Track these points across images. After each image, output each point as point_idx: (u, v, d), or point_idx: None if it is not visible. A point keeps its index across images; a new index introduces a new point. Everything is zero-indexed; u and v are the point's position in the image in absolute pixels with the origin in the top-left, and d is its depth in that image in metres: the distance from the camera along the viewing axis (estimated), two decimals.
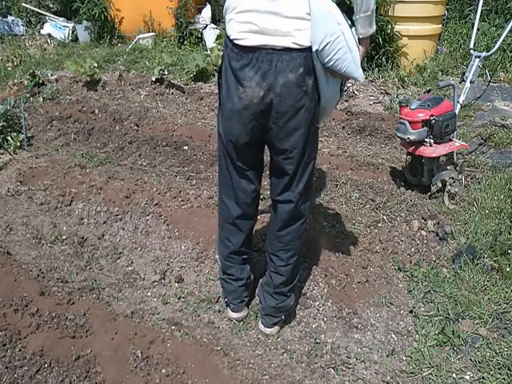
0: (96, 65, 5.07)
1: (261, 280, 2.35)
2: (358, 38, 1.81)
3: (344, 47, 1.70)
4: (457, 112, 3.22)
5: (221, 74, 1.85)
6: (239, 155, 1.93)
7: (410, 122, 3.02)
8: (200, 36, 6.37)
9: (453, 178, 3.09)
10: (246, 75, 1.71)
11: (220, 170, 2.05)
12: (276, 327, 2.20)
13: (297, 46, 1.67)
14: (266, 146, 1.97)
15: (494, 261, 2.51)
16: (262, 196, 2.88)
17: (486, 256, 2.54)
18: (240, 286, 2.22)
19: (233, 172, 1.98)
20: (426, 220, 2.91)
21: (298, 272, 2.19)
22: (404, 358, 2.09)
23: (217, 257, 2.36)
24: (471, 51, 3.47)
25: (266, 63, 1.68)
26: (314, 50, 1.67)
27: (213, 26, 6.30)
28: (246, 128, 1.82)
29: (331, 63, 1.71)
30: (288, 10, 1.65)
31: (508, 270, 2.43)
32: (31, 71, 4.82)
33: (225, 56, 1.80)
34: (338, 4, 1.71)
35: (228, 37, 1.75)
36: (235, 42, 1.71)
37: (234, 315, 2.28)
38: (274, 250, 2.10)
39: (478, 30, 5.60)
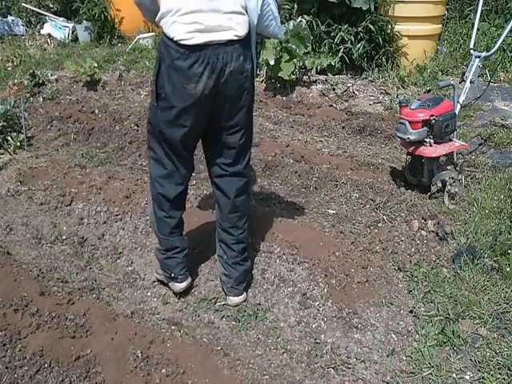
0: (96, 65, 5.07)
1: (219, 259, 2.39)
2: (278, 5, 2.12)
3: (271, 15, 2.05)
4: (457, 112, 3.22)
5: (159, 76, 1.96)
6: (186, 145, 2.10)
7: (410, 122, 3.02)
8: None
9: (453, 178, 3.09)
10: (196, 71, 1.87)
11: (156, 157, 2.16)
12: (245, 292, 2.37)
13: (237, 38, 1.91)
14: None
15: (494, 261, 2.51)
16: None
17: (486, 256, 2.54)
18: (184, 256, 2.35)
19: (174, 161, 2.14)
20: (426, 220, 2.91)
21: None
22: (404, 357, 2.09)
23: (157, 246, 2.41)
24: (471, 51, 3.47)
25: (214, 57, 1.87)
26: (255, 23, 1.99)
27: None
28: (197, 119, 2.00)
29: (261, 28, 2.06)
30: (227, 7, 1.88)
31: (508, 269, 2.43)
32: (31, 71, 4.82)
33: (164, 58, 1.92)
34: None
35: (171, 39, 1.86)
36: (182, 42, 1.84)
37: (184, 285, 2.37)
38: (232, 222, 2.27)
39: (478, 29, 5.59)
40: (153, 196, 2.28)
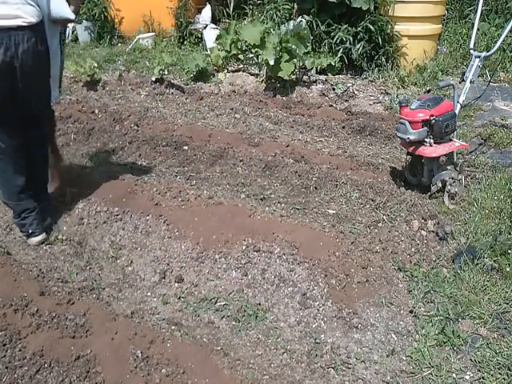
0: (96, 65, 5.08)
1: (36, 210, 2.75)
2: None
3: (57, 1, 2.62)
4: (457, 112, 3.22)
5: None
6: (6, 111, 2.50)
7: (410, 122, 3.02)
8: (200, 36, 6.37)
9: (453, 178, 3.09)
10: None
11: None
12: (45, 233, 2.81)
13: (26, 24, 2.38)
14: None
15: (494, 261, 2.51)
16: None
17: (486, 256, 2.54)
18: (37, 213, 2.74)
19: (6, 130, 2.54)
20: (426, 220, 2.91)
21: None
22: (404, 357, 2.09)
23: (12, 215, 2.77)
24: (471, 51, 3.47)
25: (6, 39, 2.34)
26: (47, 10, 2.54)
27: (213, 25, 6.30)
28: (2, 89, 2.43)
29: (52, 13, 2.61)
30: None
31: (508, 269, 2.43)
32: None
33: None
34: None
35: None
36: None
37: (40, 237, 2.75)
38: (40, 185, 2.80)
39: (478, 29, 5.58)
40: None
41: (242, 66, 5.59)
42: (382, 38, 5.32)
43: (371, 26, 5.21)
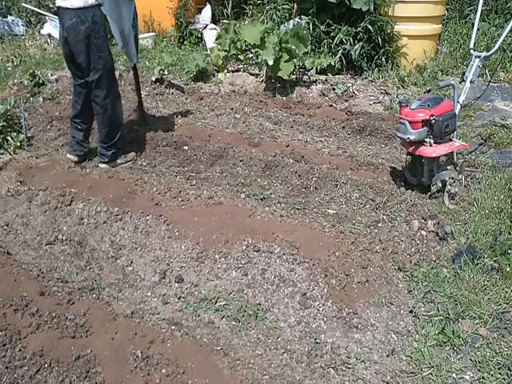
0: None
1: None
2: None
3: None
4: (457, 112, 3.22)
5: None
6: (72, 69, 3.46)
7: (410, 122, 3.02)
8: (200, 36, 6.37)
9: (453, 178, 3.09)
10: (59, 22, 3.28)
11: None
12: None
13: (71, 6, 3.12)
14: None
15: (494, 261, 2.51)
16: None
17: (486, 256, 2.54)
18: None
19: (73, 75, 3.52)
20: (426, 220, 2.91)
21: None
22: (404, 357, 2.09)
23: None
24: (471, 51, 3.47)
25: (62, 15, 3.21)
26: None
27: (213, 26, 6.30)
28: (66, 50, 3.33)
29: None
30: None
31: (508, 269, 2.43)
32: (31, 71, 4.82)
33: None
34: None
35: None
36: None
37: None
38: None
39: (478, 29, 5.58)
40: None
41: (241, 66, 5.59)
42: (381, 38, 5.32)
43: (370, 27, 5.21)
